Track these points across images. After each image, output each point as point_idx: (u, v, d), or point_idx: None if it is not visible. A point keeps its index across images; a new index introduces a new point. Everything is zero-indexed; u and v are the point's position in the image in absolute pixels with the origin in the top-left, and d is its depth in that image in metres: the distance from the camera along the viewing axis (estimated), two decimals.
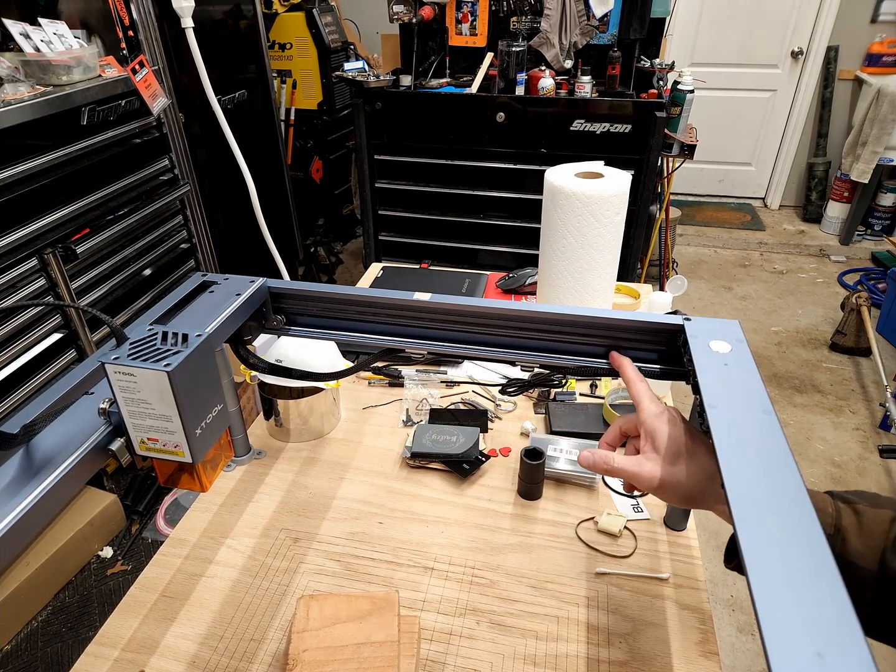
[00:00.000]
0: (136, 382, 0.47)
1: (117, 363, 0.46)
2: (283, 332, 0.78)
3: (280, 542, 0.88)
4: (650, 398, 0.61)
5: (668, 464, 0.56)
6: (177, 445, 0.50)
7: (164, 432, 0.50)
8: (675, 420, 0.59)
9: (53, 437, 0.50)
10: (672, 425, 0.58)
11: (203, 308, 0.69)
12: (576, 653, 0.73)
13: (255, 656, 0.73)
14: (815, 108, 3.94)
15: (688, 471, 0.55)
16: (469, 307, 0.73)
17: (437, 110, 2.21)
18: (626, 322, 0.70)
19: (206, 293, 0.72)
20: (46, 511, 0.45)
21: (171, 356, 0.47)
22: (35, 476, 0.46)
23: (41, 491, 0.45)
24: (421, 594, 0.80)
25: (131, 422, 0.50)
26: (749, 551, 0.42)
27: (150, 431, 0.50)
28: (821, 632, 0.37)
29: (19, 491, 0.44)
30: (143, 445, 0.52)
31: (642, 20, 2.17)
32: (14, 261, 1.48)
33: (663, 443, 0.57)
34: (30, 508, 0.43)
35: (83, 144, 1.63)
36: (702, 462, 0.55)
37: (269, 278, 0.75)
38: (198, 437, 0.50)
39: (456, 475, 0.98)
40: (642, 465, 0.57)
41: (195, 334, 0.49)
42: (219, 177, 2.31)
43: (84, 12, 1.82)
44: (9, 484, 0.45)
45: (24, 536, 0.44)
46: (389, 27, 2.36)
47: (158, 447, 0.51)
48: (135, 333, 0.50)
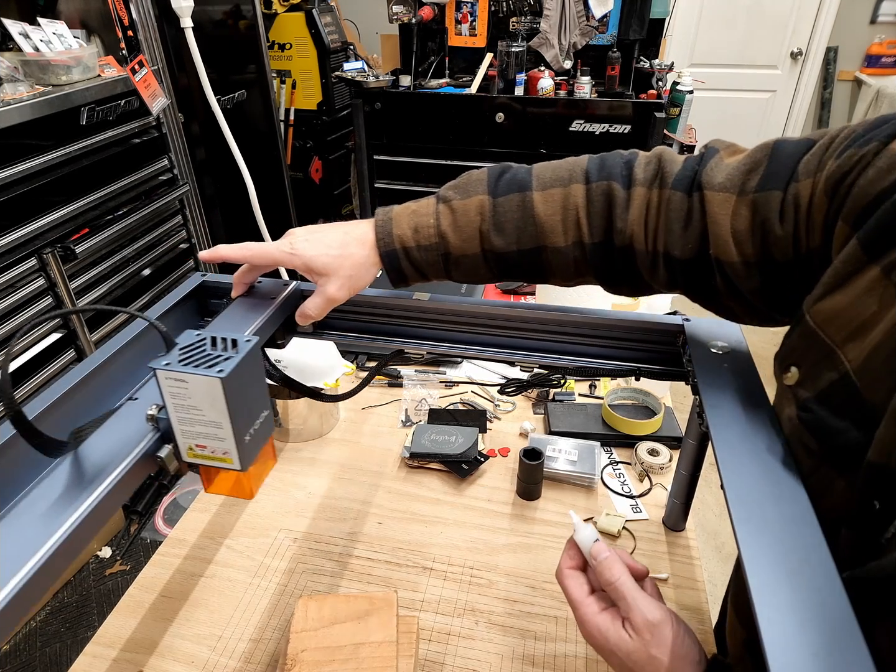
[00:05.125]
0: (188, 389, 0.46)
1: (168, 369, 0.45)
2: (317, 336, 0.78)
3: (279, 543, 0.88)
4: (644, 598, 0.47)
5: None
6: (226, 452, 0.50)
7: (213, 439, 0.49)
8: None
9: (101, 444, 0.50)
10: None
11: (239, 311, 0.69)
12: (574, 653, 0.73)
13: (253, 656, 0.73)
14: (815, 108, 3.94)
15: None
16: (468, 307, 0.74)
17: (437, 111, 2.21)
18: (625, 322, 0.70)
19: (239, 297, 0.72)
20: (98, 519, 0.45)
21: (222, 362, 0.46)
22: (88, 484, 0.45)
23: (95, 499, 0.44)
24: (419, 594, 0.80)
25: (180, 428, 0.49)
26: (748, 551, 0.42)
27: (198, 438, 0.49)
28: (819, 632, 0.37)
29: (74, 499, 0.44)
30: (190, 452, 0.51)
31: (642, 21, 2.17)
32: (13, 261, 1.47)
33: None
34: (85, 517, 0.43)
35: (82, 144, 1.63)
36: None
37: (300, 281, 0.74)
38: (246, 443, 0.49)
39: (455, 475, 0.97)
40: (595, 623, 0.47)
41: (244, 339, 0.48)
42: (218, 177, 2.30)
43: (83, 12, 1.81)
44: (63, 492, 0.45)
45: (79, 545, 0.43)
46: (389, 27, 2.36)
47: (206, 454, 0.50)
48: (183, 339, 0.49)
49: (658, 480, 0.97)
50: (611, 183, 0.58)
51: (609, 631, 0.46)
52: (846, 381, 0.41)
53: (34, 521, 0.42)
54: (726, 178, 0.53)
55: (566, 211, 0.59)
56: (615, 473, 0.98)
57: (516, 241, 0.60)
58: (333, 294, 0.62)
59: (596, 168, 0.59)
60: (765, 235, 0.51)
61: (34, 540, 0.40)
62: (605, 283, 0.64)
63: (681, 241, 0.56)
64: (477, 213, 0.61)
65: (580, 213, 0.59)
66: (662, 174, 0.57)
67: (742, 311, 0.58)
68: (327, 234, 0.64)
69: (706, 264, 0.55)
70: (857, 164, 0.44)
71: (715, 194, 0.53)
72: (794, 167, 0.49)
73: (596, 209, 0.58)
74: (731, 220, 0.52)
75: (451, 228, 0.61)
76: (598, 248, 0.59)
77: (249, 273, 0.69)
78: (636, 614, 0.45)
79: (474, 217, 0.61)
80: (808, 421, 0.45)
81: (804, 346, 0.46)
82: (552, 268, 0.62)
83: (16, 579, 0.38)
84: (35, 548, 0.40)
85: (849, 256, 0.43)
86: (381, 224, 0.63)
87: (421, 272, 0.64)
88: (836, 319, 0.43)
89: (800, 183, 0.49)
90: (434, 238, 0.61)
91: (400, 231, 0.62)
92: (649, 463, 0.97)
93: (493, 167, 0.64)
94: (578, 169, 0.60)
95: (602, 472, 0.98)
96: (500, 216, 0.60)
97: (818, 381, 0.44)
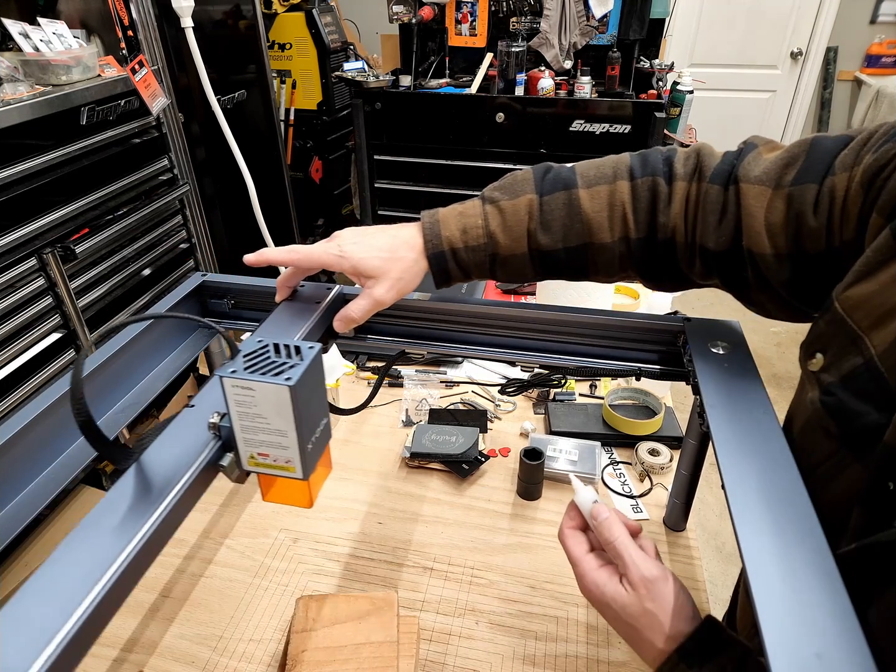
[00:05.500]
0: (254, 397, 0.45)
1: (235, 377, 0.45)
2: (359, 340, 0.78)
3: (279, 543, 0.88)
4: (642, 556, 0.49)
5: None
6: (288, 461, 0.49)
7: (277, 447, 0.48)
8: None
9: (163, 453, 0.49)
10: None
11: (285, 316, 0.68)
12: (575, 653, 0.73)
13: (253, 656, 0.73)
14: (815, 108, 3.94)
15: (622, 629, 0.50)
16: (468, 307, 0.74)
17: (437, 111, 2.21)
18: (625, 323, 0.70)
19: (284, 301, 0.72)
20: (168, 530, 0.45)
21: (288, 369, 0.45)
22: (157, 496, 0.45)
23: (164, 510, 0.44)
24: (420, 594, 0.80)
25: (243, 436, 0.49)
26: (748, 552, 0.42)
27: (261, 447, 0.49)
28: (820, 632, 0.37)
29: (144, 512, 0.44)
30: (251, 461, 0.50)
31: (642, 21, 2.17)
32: (13, 260, 1.47)
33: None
34: (156, 528, 0.43)
35: (82, 144, 1.62)
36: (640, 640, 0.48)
37: (343, 285, 0.74)
38: (309, 451, 0.49)
39: (455, 475, 0.97)
40: (594, 578, 0.50)
41: (307, 346, 0.48)
42: (218, 177, 2.30)
43: (83, 12, 1.81)
44: (132, 504, 0.44)
45: (150, 557, 0.44)
46: (389, 27, 2.36)
47: (268, 462, 0.50)
48: (245, 346, 0.48)
49: (658, 480, 0.97)
50: (655, 178, 0.59)
51: (606, 586, 0.48)
52: (870, 365, 0.42)
53: (108, 533, 0.42)
54: (763, 171, 0.54)
55: (612, 207, 0.60)
56: (616, 473, 0.98)
57: (562, 238, 0.61)
58: (381, 296, 0.62)
59: (639, 164, 0.60)
60: (798, 228, 0.51)
61: (109, 553, 0.41)
62: (647, 278, 0.65)
63: (715, 233, 0.57)
64: (526, 212, 0.61)
65: (626, 209, 0.60)
66: (701, 168, 0.58)
67: (773, 305, 0.58)
68: (375, 236, 0.64)
69: (739, 257, 0.56)
70: (893, 157, 0.45)
71: (751, 187, 0.54)
72: (831, 162, 0.50)
73: (641, 205, 0.59)
74: (765, 212, 0.53)
75: (499, 229, 0.61)
76: (642, 243, 0.61)
77: (294, 277, 0.69)
78: (633, 571, 0.47)
79: (524, 217, 0.61)
80: (829, 404, 0.45)
81: (831, 332, 0.47)
82: (597, 264, 0.63)
83: (93, 593, 0.38)
84: (109, 561, 0.40)
85: (880, 246, 0.44)
86: (429, 226, 0.63)
87: (466, 273, 0.65)
88: (864, 306, 0.44)
89: (836, 176, 0.49)
90: (482, 239, 0.62)
91: (448, 233, 0.62)
92: (650, 463, 0.97)
93: (536, 167, 0.64)
94: (622, 166, 0.61)
95: (602, 472, 0.98)
96: (546, 214, 0.61)
97: (842, 366, 0.45)
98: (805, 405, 0.49)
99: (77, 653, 0.36)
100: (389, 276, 0.62)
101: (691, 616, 0.46)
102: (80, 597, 0.37)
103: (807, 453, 0.49)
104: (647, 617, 0.46)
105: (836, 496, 0.45)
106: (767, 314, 0.61)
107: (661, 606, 0.46)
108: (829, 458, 0.46)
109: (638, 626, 0.47)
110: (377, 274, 0.62)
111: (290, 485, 0.55)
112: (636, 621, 0.47)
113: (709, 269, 0.59)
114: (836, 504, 0.44)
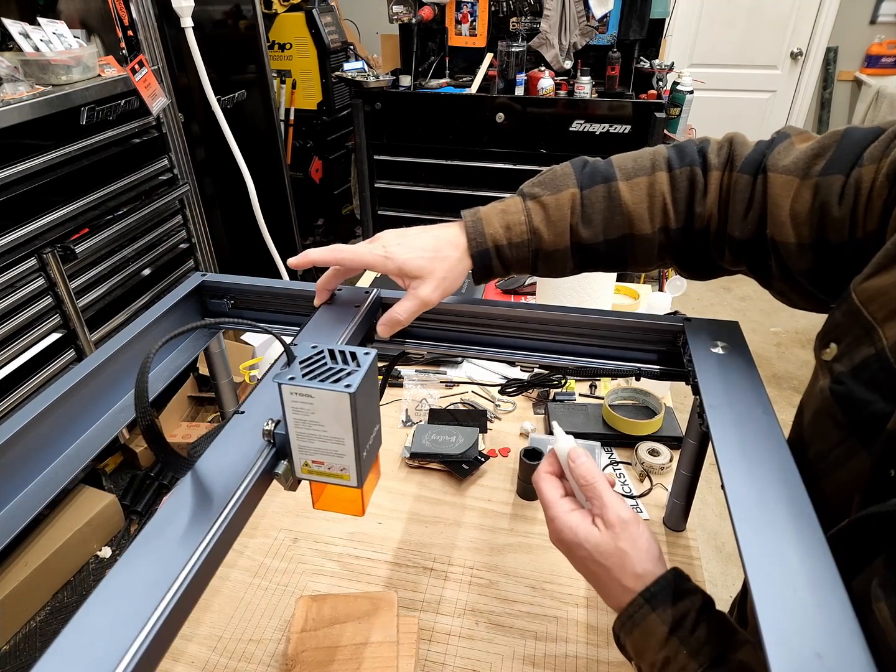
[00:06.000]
0: (313, 404, 0.45)
1: (294, 384, 0.44)
2: (397, 345, 0.77)
3: (279, 543, 0.88)
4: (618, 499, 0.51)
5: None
6: (343, 469, 0.49)
7: (332, 455, 0.48)
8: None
9: (218, 460, 0.49)
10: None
11: (325, 320, 0.68)
12: (575, 653, 0.73)
13: (253, 656, 0.73)
14: (815, 109, 3.94)
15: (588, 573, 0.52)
16: (468, 307, 0.73)
17: (437, 111, 2.21)
18: (625, 323, 0.70)
19: (323, 304, 0.71)
20: (230, 538, 0.45)
21: (346, 376, 0.45)
22: (218, 505, 0.45)
23: (225, 519, 0.44)
24: (420, 594, 0.80)
25: (298, 444, 0.48)
26: (748, 552, 0.42)
27: (316, 454, 0.48)
28: (820, 632, 0.37)
29: (207, 521, 0.44)
30: (305, 468, 0.50)
31: (642, 21, 2.17)
32: (13, 260, 1.47)
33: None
34: (219, 536, 0.43)
35: (82, 144, 1.63)
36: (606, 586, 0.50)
37: (380, 288, 0.74)
38: (364, 459, 0.48)
39: (455, 475, 0.97)
40: (565, 521, 0.51)
41: (363, 352, 0.47)
42: (218, 177, 2.30)
43: (83, 12, 1.81)
44: (193, 514, 0.44)
45: (214, 566, 0.44)
46: (389, 27, 2.36)
47: (322, 470, 0.49)
48: (300, 352, 0.48)
49: (658, 480, 0.97)
50: (693, 168, 0.60)
51: (579, 526, 0.50)
52: (881, 356, 0.43)
53: (173, 543, 0.42)
54: (792, 161, 0.54)
55: (652, 198, 0.60)
56: (615, 473, 0.98)
57: (603, 231, 0.62)
58: (427, 296, 0.62)
59: (676, 155, 0.61)
60: (822, 217, 0.52)
61: (175, 564, 0.41)
62: (683, 267, 0.66)
63: (742, 222, 0.57)
64: (569, 207, 0.62)
65: (666, 200, 0.60)
66: (733, 157, 0.59)
67: (795, 295, 0.59)
68: (418, 237, 0.64)
69: (763, 246, 0.57)
70: None
71: (778, 176, 0.55)
72: (860, 153, 0.51)
73: (680, 195, 0.60)
74: (791, 202, 0.54)
75: (543, 224, 0.62)
76: (680, 233, 0.61)
77: (335, 279, 0.69)
78: (609, 510, 0.49)
79: (567, 211, 0.62)
80: (838, 393, 0.46)
81: (846, 323, 0.47)
82: (636, 255, 0.64)
83: (163, 604, 0.38)
84: (176, 572, 0.40)
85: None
86: (472, 224, 0.63)
87: (507, 269, 0.65)
88: (880, 298, 0.44)
89: (863, 168, 0.50)
90: (526, 235, 0.62)
91: (492, 230, 0.62)
92: (650, 463, 0.97)
93: (573, 161, 0.65)
94: (660, 157, 0.62)
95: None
96: (587, 208, 0.61)
97: (854, 356, 0.45)
98: (815, 394, 0.50)
99: (149, 666, 0.36)
100: (435, 275, 0.62)
101: (658, 558, 0.49)
102: (151, 608, 0.37)
103: (816, 442, 0.49)
104: (618, 556, 0.48)
105: (842, 484, 0.45)
106: (791, 303, 0.62)
107: (632, 546, 0.48)
108: (837, 446, 0.47)
109: (608, 565, 0.48)
110: (422, 274, 0.62)
111: (341, 492, 0.54)
112: (607, 560, 0.48)
113: (737, 258, 0.60)
114: (841, 492, 0.45)
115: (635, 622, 0.46)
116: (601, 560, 0.48)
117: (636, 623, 0.46)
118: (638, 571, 0.47)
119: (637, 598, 0.46)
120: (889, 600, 0.37)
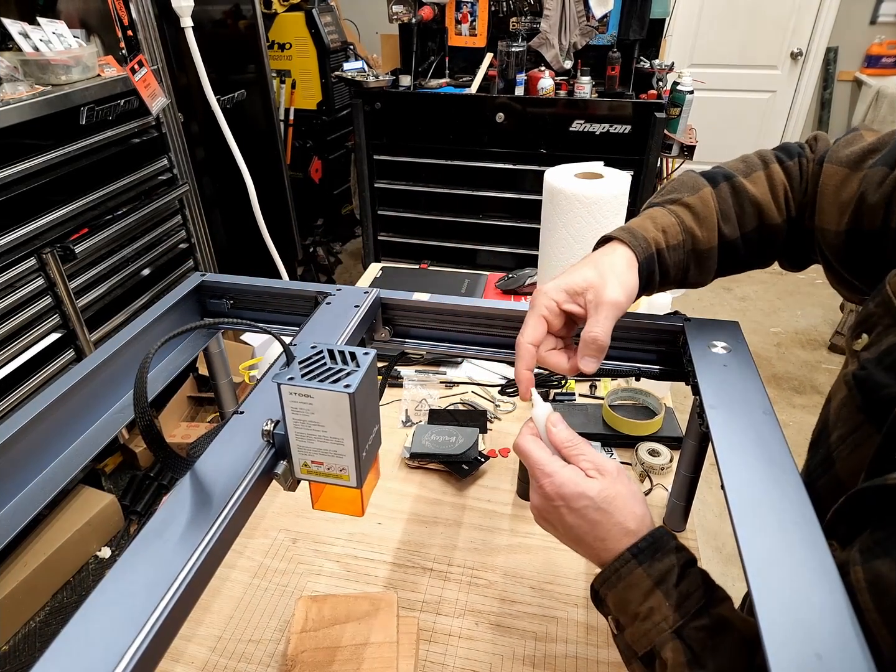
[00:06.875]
0: (312, 404, 0.45)
1: (293, 384, 0.44)
2: (397, 344, 0.77)
3: (279, 543, 0.88)
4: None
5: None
6: (343, 469, 0.48)
7: (332, 455, 0.48)
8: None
9: (217, 461, 0.49)
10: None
11: (324, 320, 0.68)
12: (575, 654, 0.73)
13: (253, 657, 0.73)
14: (815, 109, 3.94)
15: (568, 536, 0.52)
16: (468, 307, 0.73)
17: (437, 110, 2.20)
18: (625, 323, 0.69)
19: (323, 304, 0.71)
20: (229, 538, 0.45)
21: (345, 376, 0.45)
22: (217, 506, 0.45)
23: (224, 520, 0.44)
24: (420, 595, 0.80)
25: (298, 444, 0.48)
26: (749, 552, 0.42)
27: (315, 454, 0.48)
28: (820, 632, 0.36)
29: (206, 522, 0.44)
30: (304, 469, 0.50)
31: (642, 21, 2.17)
32: (12, 260, 1.47)
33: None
34: (218, 536, 0.43)
35: (82, 144, 1.63)
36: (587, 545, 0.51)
37: (380, 289, 0.74)
38: (363, 459, 0.48)
39: (455, 476, 0.97)
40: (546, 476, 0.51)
41: (363, 353, 0.47)
42: (218, 177, 2.30)
43: (83, 12, 1.81)
44: (193, 515, 0.44)
45: (213, 567, 0.44)
46: (389, 27, 2.36)
47: (322, 470, 0.49)
48: (299, 352, 0.47)
49: (658, 481, 0.97)
50: (801, 159, 0.63)
51: (578, 476, 0.50)
52: None
53: (173, 544, 0.42)
54: (849, 153, 0.57)
55: (774, 188, 0.62)
56: None
57: (738, 226, 0.63)
58: (615, 298, 0.55)
59: (783, 152, 0.64)
60: (860, 204, 0.54)
61: (175, 563, 0.41)
62: (788, 258, 0.68)
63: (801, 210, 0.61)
64: (713, 203, 0.63)
65: (787, 189, 0.63)
66: (816, 151, 0.62)
67: (832, 278, 0.62)
68: (574, 268, 0.59)
69: (810, 235, 0.61)
70: None
71: (831, 167, 0.58)
72: None
73: (796, 184, 0.63)
74: (836, 191, 0.57)
75: (694, 223, 0.62)
76: (794, 222, 0.64)
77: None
78: (600, 461, 0.51)
79: (713, 207, 0.63)
80: (859, 377, 0.47)
81: (879, 313, 0.48)
82: (764, 248, 0.65)
83: (161, 606, 0.38)
84: (175, 573, 0.40)
85: None
86: (629, 236, 0.60)
87: (664, 277, 0.63)
88: None
89: None
90: (681, 236, 0.62)
91: (652, 234, 0.61)
92: (650, 463, 0.97)
93: (685, 172, 0.67)
94: (768, 154, 0.65)
95: None
96: (722, 203, 0.63)
97: (882, 343, 0.46)
98: (841, 382, 0.51)
99: (149, 667, 0.36)
100: (606, 277, 0.56)
101: (643, 500, 0.51)
102: (150, 608, 0.37)
103: (839, 427, 0.50)
104: (621, 497, 0.49)
105: (855, 467, 0.46)
106: (848, 295, 0.64)
107: (629, 486, 0.50)
108: (855, 430, 0.48)
109: (610, 510, 0.49)
110: (591, 281, 0.56)
111: (341, 493, 0.54)
112: (610, 504, 0.48)
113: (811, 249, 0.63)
114: (854, 475, 0.45)
115: (621, 576, 0.47)
116: (604, 506, 0.48)
117: (622, 576, 0.47)
118: (637, 512, 0.49)
119: (624, 553, 0.48)
120: (865, 564, 0.38)
